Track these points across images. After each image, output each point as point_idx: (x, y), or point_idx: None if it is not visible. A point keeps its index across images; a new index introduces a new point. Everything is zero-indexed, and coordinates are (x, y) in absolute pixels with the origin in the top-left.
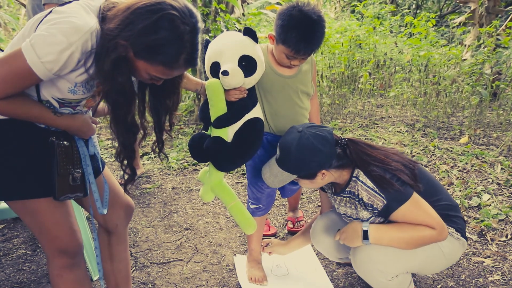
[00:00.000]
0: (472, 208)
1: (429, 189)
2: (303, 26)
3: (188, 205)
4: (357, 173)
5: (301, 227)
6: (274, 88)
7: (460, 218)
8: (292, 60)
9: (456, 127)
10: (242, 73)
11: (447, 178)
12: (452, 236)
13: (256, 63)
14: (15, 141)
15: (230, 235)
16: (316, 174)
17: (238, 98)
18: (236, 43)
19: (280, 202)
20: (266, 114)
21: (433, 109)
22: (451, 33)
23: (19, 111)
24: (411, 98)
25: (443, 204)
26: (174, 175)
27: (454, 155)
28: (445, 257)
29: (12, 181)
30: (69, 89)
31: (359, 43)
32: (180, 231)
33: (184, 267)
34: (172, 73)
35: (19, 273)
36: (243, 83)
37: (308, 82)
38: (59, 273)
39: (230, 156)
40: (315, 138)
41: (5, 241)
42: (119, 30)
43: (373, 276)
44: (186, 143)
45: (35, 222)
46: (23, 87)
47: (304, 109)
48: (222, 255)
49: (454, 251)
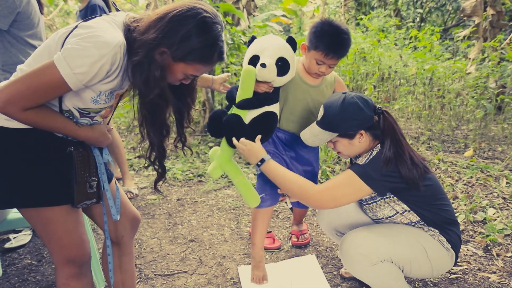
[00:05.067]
0: (477, 223)
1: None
2: (333, 33)
3: (193, 216)
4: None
5: (306, 240)
6: (296, 92)
7: (456, 235)
8: (321, 66)
9: (461, 141)
10: (276, 71)
11: (452, 192)
12: (441, 244)
13: (289, 66)
14: (34, 150)
15: (234, 248)
16: (355, 135)
17: (263, 91)
18: (279, 46)
19: (284, 214)
20: (282, 112)
21: (438, 122)
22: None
23: (45, 121)
24: (416, 111)
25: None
26: (179, 186)
27: (459, 169)
28: (429, 260)
29: (29, 189)
30: (92, 99)
31: (364, 56)
32: (184, 243)
33: (189, 279)
34: (207, 70)
35: (24, 283)
36: (273, 80)
37: (328, 94)
38: (66, 282)
39: (242, 135)
40: (359, 98)
41: (10, 250)
42: (159, 38)
43: (357, 262)
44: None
45: (47, 230)
46: (53, 97)
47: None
48: (227, 267)
49: (439, 258)
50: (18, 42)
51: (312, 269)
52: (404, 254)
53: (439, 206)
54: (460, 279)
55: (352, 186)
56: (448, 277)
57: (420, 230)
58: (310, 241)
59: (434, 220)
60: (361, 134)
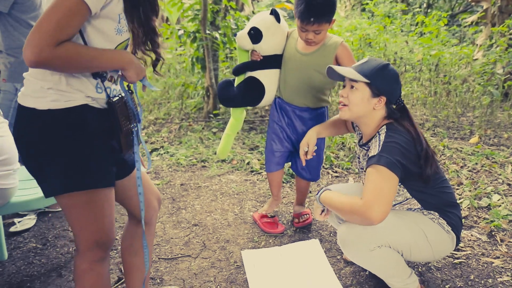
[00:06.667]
0: (482, 209)
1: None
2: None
3: (197, 201)
4: (381, 130)
5: (307, 220)
6: (290, 61)
7: (457, 216)
8: (307, 33)
9: (466, 127)
10: (248, 39)
11: (457, 178)
12: (441, 227)
13: (262, 34)
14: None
15: (238, 232)
16: (379, 96)
17: (253, 59)
18: (256, 18)
19: (288, 199)
20: (280, 81)
21: (443, 108)
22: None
23: (82, 54)
24: (421, 98)
25: (447, 194)
26: (182, 171)
27: (464, 155)
28: (429, 244)
29: (78, 171)
30: (116, 29)
31: (369, 41)
32: (188, 227)
33: (192, 263)
34: None
35: (29, 266)
36: (252, 48)
37: (324, 63)
38: (90, 267)
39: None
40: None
41: (15, 234)
42: None
43: (355, 248)
44: (194, 139)
45: (84, 213)
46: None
47: (315, 87)
48: (230, 251)
49: (440, 241)
50: (20, 25)
51: (316, 254)
52: (402, 239)
53: (440, 189)
54: (463, 264)
55: (388, 180)
56: (452, 262)
57: (419, 214)
58: (314, 225)
59: (434, 203)
60: (382, 99)
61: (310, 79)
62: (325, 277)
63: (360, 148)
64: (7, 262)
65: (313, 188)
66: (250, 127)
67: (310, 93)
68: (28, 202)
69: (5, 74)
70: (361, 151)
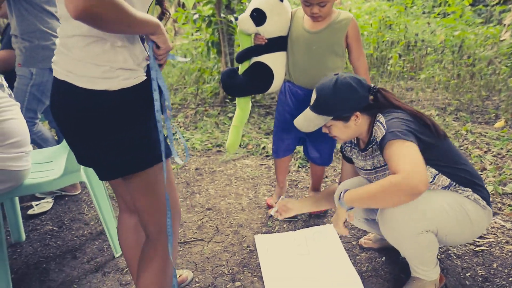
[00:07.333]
0: (507, 195)
1: (454, 157)
2: None
3: (211, 186)
4: (378, 117)
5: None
6: (298, 41)
7: (485, 189)
8: (311, 8)
9: (491, 111)
10: (251, 22)
11: (480, 164)
12: (478, 203)
13: (265, 16)
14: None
15: (252, 216)
16: (351, 117)
17: (257, 43)
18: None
19: (303, 184)
20: (289, 64)
21: (467, 92)
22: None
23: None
24: (443, 81)
25: (468, 171)
26: (197, 156)
27: (488, 140)
28: (471, 223)
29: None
30: None
31: (389, 24)
32: (202, 211)
33: (205, 246)
34: None
35: (46, 248)
36: (255, 31)
37: (335, 41)
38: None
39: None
40: (351, 79)
41: (33, 217)
42: None
43: (403, 229)
44: (210, 124)
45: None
46: None
47: (328, 68)
48: (243, 236)
49: (480, 219)
50: (34, 9)
51: (330, 239)
52: (449, 221)
53: (463, 166)
54: (485, 252)
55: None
56: (473, 250)
57: (454, 193)
58: (329, 211)
59: (463, 177)
60: (356, 116)
61: (321, 59)
62: (340, 263)
63: (364, 152)
64: (24, 243)
65: (329, 173)
66: (267, 112)
67: (322, 74)
68: (41, 184)
69: (20, 58)
70: (367, 154)
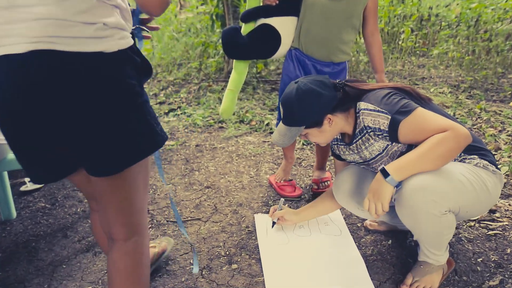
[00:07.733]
0: None
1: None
2: None
3: (211, 163)
4: (358, 106)
5: (327, 187)
6: (314, 8)
7: (489, 152)
8: None
9: (507, 89)
10: None
11: (494, 143)
12: (488, 169)
13: None
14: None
15: (252, 195)
16: (323, 121)
17: (266, 3)
18: None
19: (308, 162)
20: (301, 30)
21: (482, 69)
22: None
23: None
24: (457, 57)
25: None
26: (199, 132)
27: (503, 119)
28: (489, 192)
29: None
30: None
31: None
32: (200, 190)
33: (202, 226)
34: None
35: (36, 226)
36: None
37: (354, 12)
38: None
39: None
40: (313, 83)
41: (26, 194)
42: None
43: (425, 208)
44: (213, 100)
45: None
46: None
47: (342, 41)
48: (242, 215)
49: (495, 185)
50: None
51: (334, 220)
52: (471, 195)
53: None
54: (499, 236)
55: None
56: (485, 233)
57: (466, 164)
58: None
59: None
60: (329, 118)
61: (338, 30)
62: (344, 245)
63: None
64: (15, 221)
65: None
66: (272, 88)
67: (336, 45)
68: None
69: None
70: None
